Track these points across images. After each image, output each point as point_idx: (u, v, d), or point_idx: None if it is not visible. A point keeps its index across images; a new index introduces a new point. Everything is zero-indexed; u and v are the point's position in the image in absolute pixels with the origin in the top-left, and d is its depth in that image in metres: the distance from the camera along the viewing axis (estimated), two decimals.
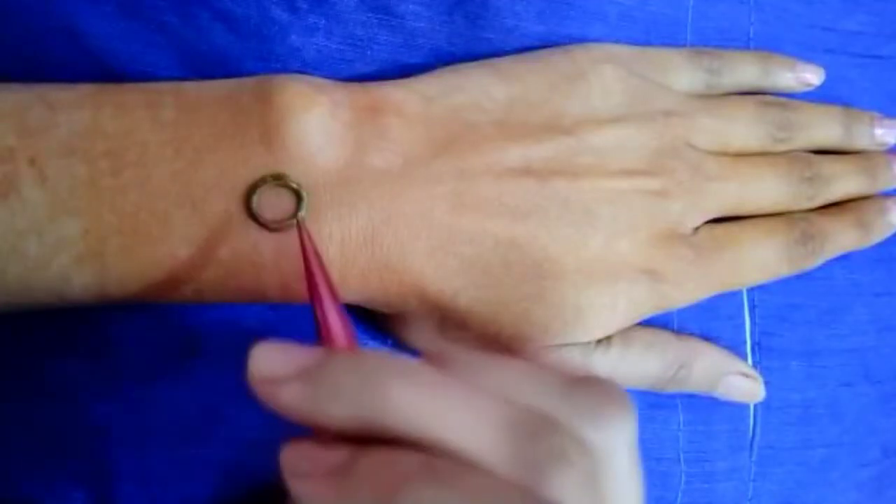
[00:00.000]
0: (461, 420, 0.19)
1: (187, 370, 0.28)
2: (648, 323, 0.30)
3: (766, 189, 0.31)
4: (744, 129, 0.31)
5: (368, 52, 0.29)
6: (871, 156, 0.34)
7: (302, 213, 0.24)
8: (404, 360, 0.20)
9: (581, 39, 0.30)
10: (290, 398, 0.19)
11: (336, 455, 0.19)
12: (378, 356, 0.20)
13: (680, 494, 0.32)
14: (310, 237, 0.23)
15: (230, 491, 0.28)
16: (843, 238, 0.32)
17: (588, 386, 0.21)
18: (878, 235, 0.33)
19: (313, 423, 0.19)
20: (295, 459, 0.19)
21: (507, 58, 0.29)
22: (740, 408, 0.32)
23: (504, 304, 0.27)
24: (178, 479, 0.28)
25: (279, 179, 0.25)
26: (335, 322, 0.21)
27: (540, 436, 0.19)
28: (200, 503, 0.28)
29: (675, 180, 0.29)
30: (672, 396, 0.32)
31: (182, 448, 0.28)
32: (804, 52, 0.33)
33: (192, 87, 0.26)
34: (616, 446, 0.20)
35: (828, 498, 0.34)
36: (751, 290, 0.32)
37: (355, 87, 0.27)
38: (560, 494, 0.19)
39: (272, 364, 0.20)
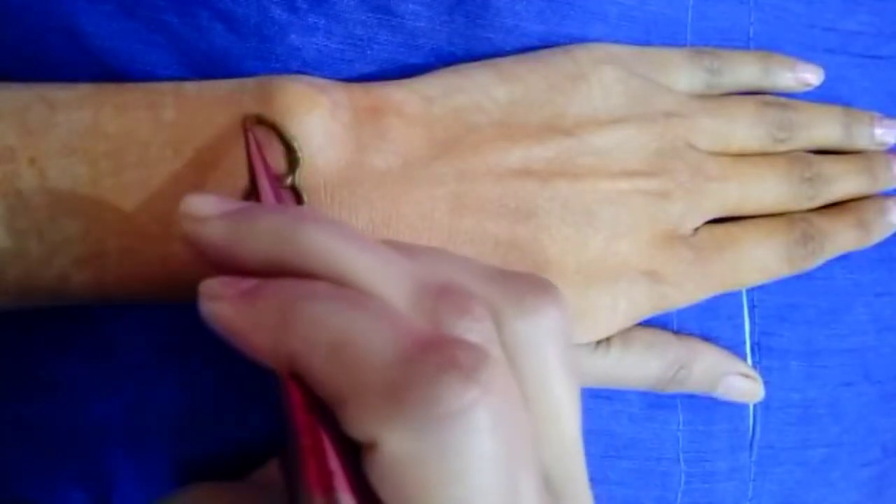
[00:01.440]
0: (371, 266, 0.19)
1: (187, 370, 0.28)
2: (648, 323, 0.30)
3: (767, 189, 0.31)
4: (744, 129, 0.31)
5: (368, 52, 0.29)
6: (871, 156, 0.34)
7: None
8: (330, 216, 0.20)
9: (581, 39, 0.30)
10: (211, 233, 0.20)
11: (249, 281, 0.20)
12: (305, 207, 0.21)
13: (680, 494, 0.32)
14: (252, 131, 0.24)
15: None
16: (844, 238, 0.32)
17: (519, 277, 0.21)
18: (878, 235, 0.33)
19: (231, 259, 0.20)
20: (212, 284, 0.20)
21: (507, 58, 0.29)
22: (740, 408, 0.32)
23: None
24: (178, 479, 0.28)
25: (279, 180, 0.25)
26: (268, 192, 0.22)
27: (448, 294, 0.19)
28: None
29: (675, 181, 0.29)
30: (672, 396, 0.32)
31: (182, 448, 0.28)
32: (804, 52, 0.33)
33: (192, 88, 0.26)
34: (542, 334, 0.20)
35: (828, 498, 0.34)
36: (751, 290, 0.33)
37: (356, 87, 0.27)
38: (464, 339, 0.19)
39: (201, 205, 0.20)
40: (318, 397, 0.18)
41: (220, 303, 0.20)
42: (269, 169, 0.23)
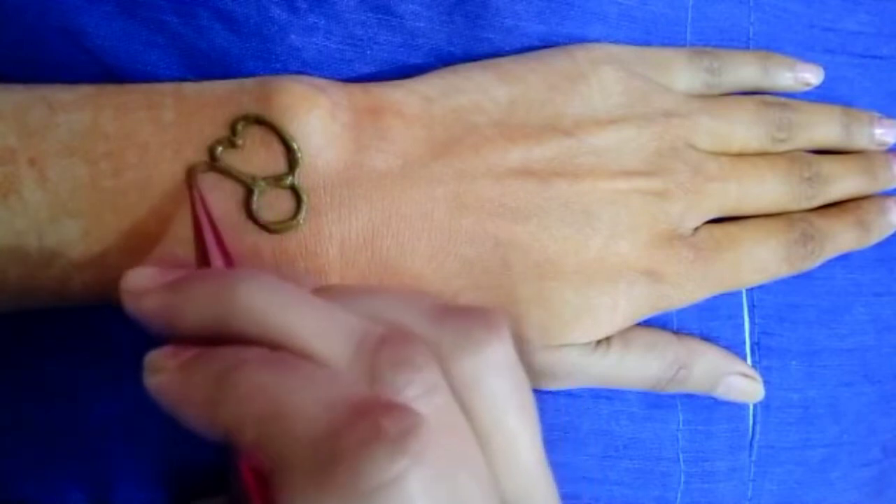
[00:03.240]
0: (306, 325, 0.19)
1: None
2: (648, 323, 0.30)
3: (766, 189, 0.31)
4: (744, 129, 0.31)
5: (368, 52, 0.29)
6: (871, 156, 0.34)
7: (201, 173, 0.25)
8: (264, 273, 0.20)
9: (581, 39, 0.30)
10: (150, 305, 0.20)
11: (189, 351, 0.20)
12: (239, 269, 0.21)
13: (679, 494, 0.32)
14: (197, 185, 0.24)
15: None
16: (843, 238, 0.32)
17: (460, 314, 0.21)
18: (878, 235, 0.33)
19: (173, 329, 0.20)
20: (154, 357, 0.20)
21: (507, 58, 0.29)
22: (740, 408, 0.32)
23: (504, 304, 0.27)
24: (178, 480, 0.28)
25: (279, 180, 0.25)
26: (215, 254, 0.22)
27: (388, 346, 0.19)
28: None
29: (675, 181, 0.29)
30: (672, 396, 0.32)
31: (182, 449, 0.28)
32: (804, 52, 0.33)
33: (191, 89, 0.26)
34: (487, 369, 0.20)
35: (828, 498, 0.34)
36: (750, 290, 0.33)
37: (355, 87, 0.27)
38: (401, 397, 0.19)
39: (140, 279, 0.21)
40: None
41: (160, 375, 0.20)
42: (213, 223, 0.23)
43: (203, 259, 0.23)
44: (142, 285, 0.21)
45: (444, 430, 0.19)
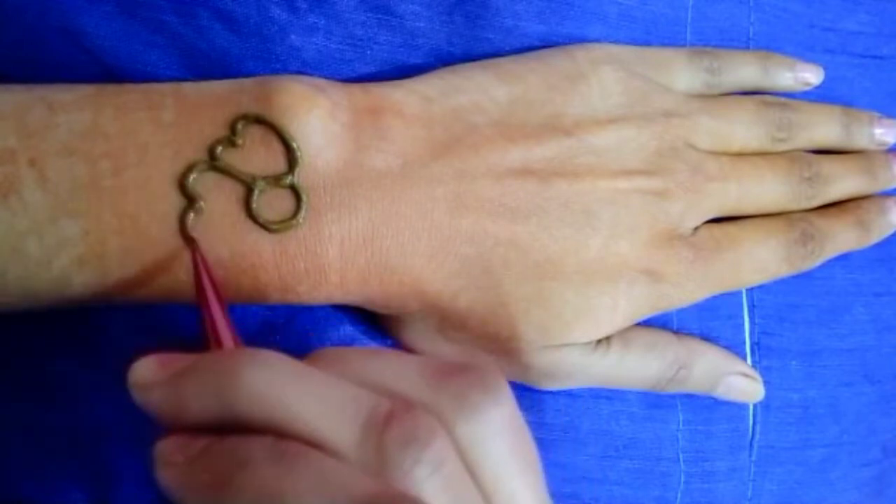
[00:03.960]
0: (311, 406, 0.19)
1: None
2: (648, 323, 0.30)
3: (766, 189, 0.31)
4: (744, 129, 0.31)
5: (368, 52, 0.29)
6: (871, 156, 0.34)
7: (192, 222, 0.25)
8: (266, 352, 0.20)
9: (581, 39, 0.30)
10: (156, 400, 0.20)
11: (197, 443, 0.20)
12: (238, 351, 0.21)
13: (679, 494, 0.32)
14: (198, 247, 0.24)
15: None
16: (843, 238, 0.32)
17: (458, 375, 0.21)
18: (877, 235, 0.33)
19: (178, 421, 0.20)
20: (164, 449, 0.20)
21: (507, 58, 0.29)
22: (740, 407, 0.32)
23: (504, 304, 0.27)
24: None
25: (279, 180, 0.25)
26: (222, 330, 0.22)
27: (394, 424, 0.19)
28: None
29: (674, 180, 0.29)
30: (672, 396, 0.32)
31: None
32: (804, 52, 0.33)
33: (191, 88, 0.26)
34: (488, 431, 0.20)
35: (828, 498, 0.34)
36: (750, 290, 0.33)
37: (355, 87, 0.27)
38: (413, 480, 0.19)
39: (146, 372, 0.21)
40: None
41: (169, 470, 0.20)
42: (218, 293, 0.23)
43: (208, 324, 0.23)
44: (147, 379, 0.21)
45: (452, 498, 0.19)
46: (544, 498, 0.21)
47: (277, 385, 0.19)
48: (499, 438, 0.21)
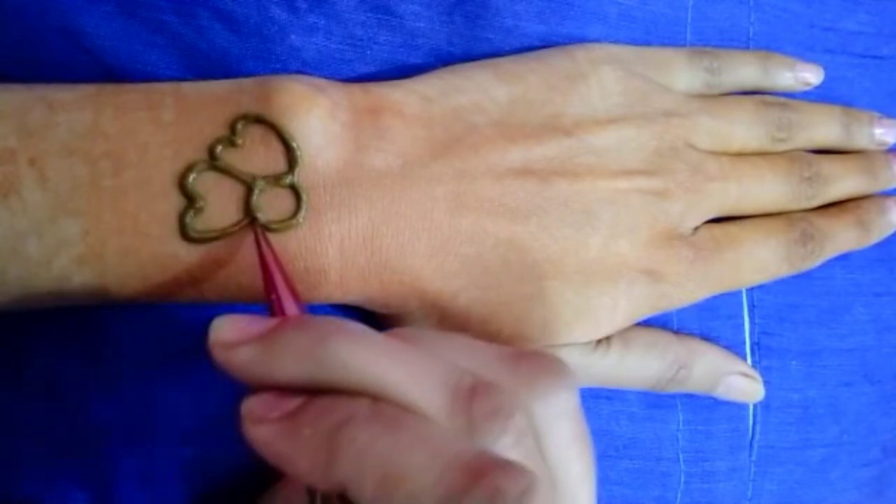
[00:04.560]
0: (404, 375, 0.20)
1: (187, 370, 0.28)
2: (648, 323, 0.30)
3: (766, 189, 0.31)
4: (743, 129, 0.31)
5: (368, 52, 0.29)
6: (871, 155, 0.34)
7: (256, 211, 0.25)
8: (353, 322, 0.21)
9: (581, 39, 0.30)
10: (241, 361, 0.20)
11: (290, 402, 0.20)
12: (327, 319, 0.21)
13: (679, 494, 0.32)
14: (259, 225, 0.24)
15: (230, 491, 0.28)
16: (843, 238, 0.32)
17: (529, 359, 0.22)
18: (877, 235, 0.33)
19: (265, 382, 0.20)
20: (254, 407, 0.20)
21: (507, 58, 0.29)
22: (740, 407, 0.32)
23: (504, 304, 0.27)
24: (178, 479, 0.28)
25: (279, 180, 0.25)
26: (287, 298, 0.23)
27: (480, 395, 0.20)
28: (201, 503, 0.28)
29: (674, 180, 0.29)
30: (672, 396, 0.32)
31: (182, 448, 0.28)
32: (804, 52, 0.33)
33: (191, 88, 0.26)
34: (556, 414, 0.21)
35: (828, 498, 0.34)
36: (751, 290, 0.33)
37: (355, 87, 0.27)
38: (499, 449, 0.19)
39: (228, 332, 0.21)
40: None
41: (263, 427, 0.20)
42: (286, 275, 0.23)
43: (273, 295, 0.23)
44: (231, 338, 0.21)
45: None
46: (594, 486, 0.22)
47: (370, 353, 0.20)
48: (565, 422, 0.21)
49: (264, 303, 0.26)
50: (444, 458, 0.18)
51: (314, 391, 0.20)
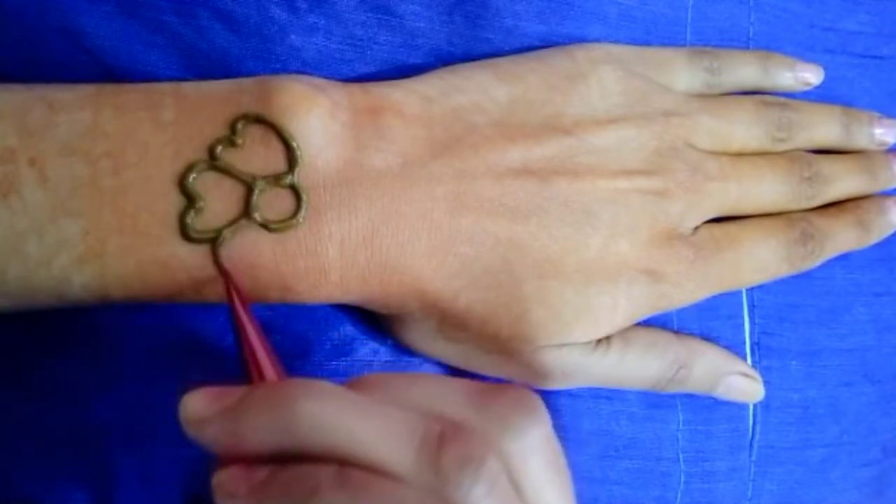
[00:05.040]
0: (369, 433, 0.20)
1: (187, 370, 0.28)
2: (648, 323, 0.30)
3: (766, 189, 0.31)
4: (743, 129, 0.31)
5: (368, 52, 0.29)
6: (871, 155, 0.34)
7: (223, 241, 0.25)
8: (317, 382, 0.21)
9: (581, 39, 0.30)
10: (212, 435, 0.21)
11: (259, 473, 0.21)
12: (292, 383, 0.21)
13: (679, 494, 0.32)
14: (232, 278, 0.24)
15: None
16: (843, 238, 0.32)
17: (500, 395, 0.22)
18: (877, 235, 0.33)
19: (239, 451, 0.21)
20: (223, 481, 0.21)
21: (507, 58, 0.29)
22: (740, 407, 0.32)
23: (504, 304, 0.27)
24: (179, 479, 0.28)
25: (279, 179, 0.25)
26: (263, 360, 0.23)
27: (449, 444, 0.20)
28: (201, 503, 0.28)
29: (674, 180, 0.29)
30: (672, 396, 0.32)
31: (182, 448, 0.28)
32: (804, 52, 0.33)
33: (191, 88, 0.26)
34: (531, 449, 0.21)
35: (828, 498, 0.34)
36: (750, 290, 0.33)
37: (355, 87, 0.27)
38: (473, 499, 0.20)
39: (198, 407, 0.21)
40: None
41: (235, 501, 0.20)
42: (261, 336, 0.23)
43: (249, 360, 0.23)
44: (201, 413, 0.21)
45: None
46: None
47: (336, 414, 0.20)
48: (538, 455, 0.22)
49: (262, 302, 0.26)
50: None
51: (284, 458, 0.20)
